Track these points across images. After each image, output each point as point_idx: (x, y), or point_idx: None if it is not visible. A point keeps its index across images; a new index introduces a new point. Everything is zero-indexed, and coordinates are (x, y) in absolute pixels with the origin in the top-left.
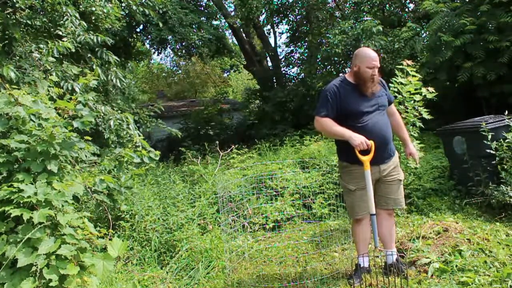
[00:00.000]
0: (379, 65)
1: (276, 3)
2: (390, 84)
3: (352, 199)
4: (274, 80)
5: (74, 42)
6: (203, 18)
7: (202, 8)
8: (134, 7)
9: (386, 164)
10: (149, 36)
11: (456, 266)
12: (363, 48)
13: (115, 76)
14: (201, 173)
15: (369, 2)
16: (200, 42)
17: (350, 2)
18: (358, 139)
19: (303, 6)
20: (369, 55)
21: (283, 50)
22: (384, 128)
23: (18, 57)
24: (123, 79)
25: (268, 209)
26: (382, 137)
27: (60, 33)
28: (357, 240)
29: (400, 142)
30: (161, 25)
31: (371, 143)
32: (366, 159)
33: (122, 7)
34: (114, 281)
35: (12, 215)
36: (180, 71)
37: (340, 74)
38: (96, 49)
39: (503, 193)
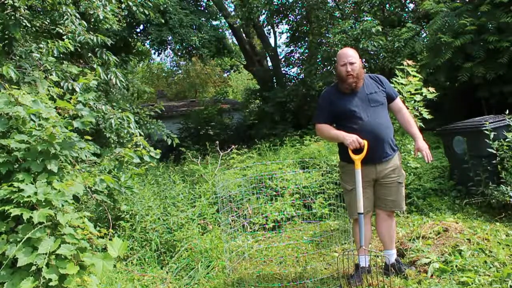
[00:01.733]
0: (354, 61)
1: (276, 3)
2: (390, 84)
3: (349, 198)
4: (274, 80)
5: (75, 41)
6: (203, 19)
7: (202, 8)
8: (134, 8)
9: (382, 165)
10: (149, 37)
11: (456, 266)
12: (341, 49)
13: (114, 76)
14: (201, 173)
15: (369, 2)
16: (200, 43)
17: (350, 2)
18: (350, 138)
19: (303, 6)
20: (340, 54)
21: (283, 50)
22: (376, 126)
23: (18, 57)
24: (122, 79)
25: (268, 209)
26: (374, 135)
27: (61, 31)
28: (357, 240)
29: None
30: (161, 25)
31: (364, 142)
32: (357, 158)
33: (122, 8)
34: (114, 281)
35: (12, 215)
36: (180, 71)
37: None
38: (96, 49)
39: (503, 193)
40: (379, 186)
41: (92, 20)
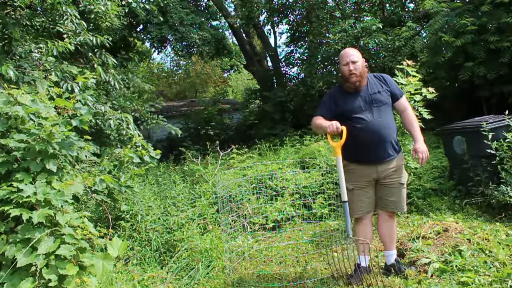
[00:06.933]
0: (356, 60)
1: (276, 2)
2: (395, 83)
3: (350, 198)
4: (274, 80)
5: (74, 41)
6: (203, 18)
7: (202, 8)
8: (134, 4)
9: (384, 165)
10: (149, 35)
11: (456, 266)
12: (343, 50)
13: (113, 78)
14: (201, 173)
15: (369, 2)
16: (201, 41)
17: (350, 1)
18: (329, 124)
19: (303, 6)
20: (342, 54)
21: (283, 50)
22: (379, 127)
23: (18, 57)
24: (120, 81)
25: (268, 209)
26: (377, 135)
27: (61, 29)
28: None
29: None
30: (161, 23)
31: (342, 128)
32: (335, 145)
33: (122, 5)
34: (114, 281)
35: (11, 215)
36: (180, 71)
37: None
38: (95, 50)
39: (503, 193)
40: (380, 186)
41: (92, 17)
